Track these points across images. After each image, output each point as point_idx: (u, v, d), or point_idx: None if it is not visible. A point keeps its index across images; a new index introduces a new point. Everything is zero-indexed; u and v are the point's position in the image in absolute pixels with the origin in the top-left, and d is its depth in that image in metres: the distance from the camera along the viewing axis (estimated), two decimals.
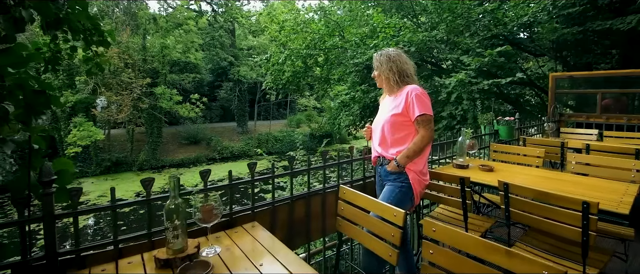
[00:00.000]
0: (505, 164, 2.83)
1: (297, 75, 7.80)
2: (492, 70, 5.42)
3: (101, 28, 1.95)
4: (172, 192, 1.20)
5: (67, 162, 1.43)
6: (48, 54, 1.94)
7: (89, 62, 2.01)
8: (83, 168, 16.03)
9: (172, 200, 1.20)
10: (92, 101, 16.14)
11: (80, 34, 1.93)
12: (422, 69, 6.93)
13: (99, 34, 1.97)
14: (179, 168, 18.19)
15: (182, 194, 1.31)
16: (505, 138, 3.69)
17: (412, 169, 1.84)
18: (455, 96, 4.96)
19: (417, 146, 1.81)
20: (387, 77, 1.95)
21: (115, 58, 15.42)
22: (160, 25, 16.89)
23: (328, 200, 1.93)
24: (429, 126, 1.83)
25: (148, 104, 16.64)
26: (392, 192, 1.81)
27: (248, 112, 22.55)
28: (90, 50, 2.01)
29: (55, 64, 1.94)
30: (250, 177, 1.59)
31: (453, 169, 2.63)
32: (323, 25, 6.90)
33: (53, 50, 1.91)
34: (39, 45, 1.93)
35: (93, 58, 2.02)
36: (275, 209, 1.70)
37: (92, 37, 1.97)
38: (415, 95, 1.84)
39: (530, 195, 1.71)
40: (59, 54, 1.95)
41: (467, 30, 5.78)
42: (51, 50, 1.91)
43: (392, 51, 2.04)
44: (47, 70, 1.94)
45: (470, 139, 2.78)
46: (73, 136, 14.45)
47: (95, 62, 2.03)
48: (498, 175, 2.42)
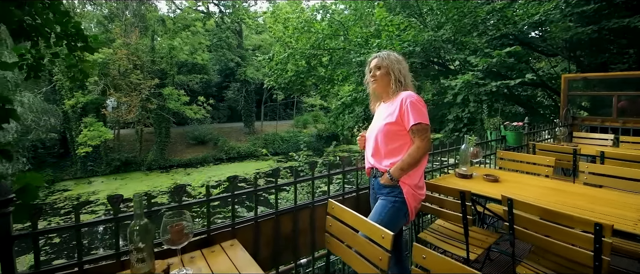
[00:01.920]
0: (512, 174, 2.66)
1: (300, 75, 7.69)
2: (501, 71, 5.21)
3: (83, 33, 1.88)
4: (137, 211, 1.11)
5: (35, 177, 1.34)
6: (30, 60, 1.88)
7: (72, 69, 1.95)
8: (93, 168, 16.30)
9: (136, 221, 1.10)
10: (102, 102, 16.39)
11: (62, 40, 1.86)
12: (428, 69, 6.74)
13: (82, 39, 1.90)
14: (186, 168, 18.35)
15: (152, 211, 1.22)
16: (513, 144, 3.51)
17: (407, 182, 1.71)
18: (461, 98, 4.78)
19: (412, 158, 1.67)
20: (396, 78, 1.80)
21: (124, 60, 15.63)
22: (168, 27, 17.04)
23: (318, 214, 1.82)
24: (425, 135, 1.70)
25: (156, 105, 16.81)
26: (385, 207, 1.69)
27: (255, 112, 22.63)
28: (74, 56, 1.94)
29: (38, 71, 1.88)
30: (233, 190, 1.50)
31: (455, 179, 2.48)
32: (327, 25, 6.78)
33: (35, 57, 1.85)
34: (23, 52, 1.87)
35: (76, 64, 1.95)
36: (259, 225, 1.60)
37: (76, 43, 1.91)
38: (410, 102, 1.71)
39: (537, 213, 1.57)
40: (41, 61, 1.89)
41: (474, 29, 5.58)
42: (33, 57, 1.85)
43: (397, 53, 1.93)
44: (29, 76, 1.88)
45: (474, 147, 2.62)
46: (84, 136, 14.70)
47: (79, 68, 1.96)
48: (503, 186, 2.27)
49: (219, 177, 16.57)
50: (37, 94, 14.31)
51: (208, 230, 1.41)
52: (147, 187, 14.92)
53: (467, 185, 2.29)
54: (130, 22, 16.49)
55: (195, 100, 18.06)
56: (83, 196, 13.72)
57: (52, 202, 12.99)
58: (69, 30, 1.84)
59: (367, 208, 1.93)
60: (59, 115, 15.19)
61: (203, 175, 16.96)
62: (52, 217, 11.65)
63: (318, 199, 1.83)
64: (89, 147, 14.74)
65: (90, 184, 15.33)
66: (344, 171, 1.94)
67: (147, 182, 15.81)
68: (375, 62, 1.89)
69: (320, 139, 21.78)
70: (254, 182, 1.55)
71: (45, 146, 15.67)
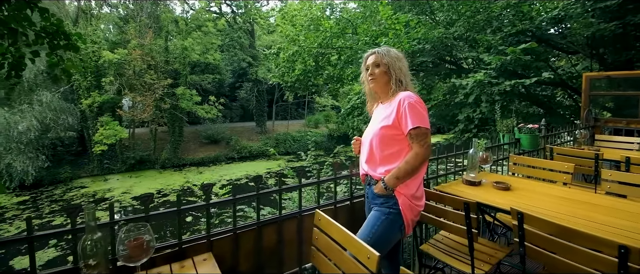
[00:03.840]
0: (526, 181, 2.45)
1: (308, 74, 7.55)
2: (517, 69, 4.92)
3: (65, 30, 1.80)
4: (90, 224, 1.00)
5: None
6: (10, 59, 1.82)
7: (54, 68, 1.88)
8: (110, 165, 16.70)
9: (88, 234, 0.99)
10: (118, 101, 16.77)
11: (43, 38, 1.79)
12: (439, 68, 6.49)
13: (64, 38, 1.82)
14: (199, 167, 18.57)
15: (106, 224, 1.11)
16: (528, 148, 3.26)
17: (403, 192, 1.54)
18: (473, 98, 4.54)
19: (409, 165, 1.50)
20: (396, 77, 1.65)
21: (139, 60, 15.93)
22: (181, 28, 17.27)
23: (306, 224, 1.68)
24: (425, 141, 1.52)
25: (169, 105, 17.07)
26: (378, 219, 1.53)
27: (267, 112, 22.75)
28: (55, 55, 1.87)
29: (19, 70, 1.81)
30: (207, 199, 1.38)
31: (462, 186, 2.29)
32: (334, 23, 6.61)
33: (15, 56, 1.78)
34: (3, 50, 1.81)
35: (58, 63, 1.88)
36: (238, 237, 1.47)
37: (59, 41, 1.83)
38: (409, 104, 1.53)
39: (551, 231, 1.38)
40: (23, 60, 1.83)
41: (488, 26, 5.30)
42: (13, 56, 1.78)
43: (397, 50, 1.77)
44: (10, 76, 1.82)
45: (483, 151, 2.42)
46: (100, 134, 15.05)
47: (61, 67, 1.89)
48: (515, 196, 2.07)
49: (230, 176, 16.69)
50: (55, 93, 14.76)
51: (179, 242, 1.29)
52: (160, 186, 15.16)
53: (475, 193, 2.11)
54: (145, 23, 16.79)
55: (207, 99, 18.26)
56: (99, 193, 14.04)
57: (69, 199, 13.34)
58: (49, 28, 1.76)
59: (362, 218, 1.78)
60: (77, 114, 15.63)
61: (215, 174, 17.12)
62: None
63: (306, 208, 1.69)
64: (105, 146, 15.09)
65: (106, 182, 15.69)
66: (336, 178, 1.79)
67: (160, 180, 16.07)
68: (372, 59, 1.72)
69: (332, 139, 21.68)
70: (233, 192, 1.42)
71: (64, 144, 16.14)
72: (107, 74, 15.78)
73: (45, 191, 13.98)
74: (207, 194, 1.36)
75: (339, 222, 1.36)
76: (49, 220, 11.24)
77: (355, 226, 1.61)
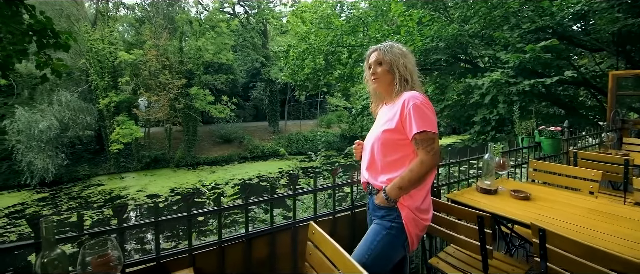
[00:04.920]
0: (547, 189, 2.24)
1: (318, 72, 7.41)
2: (536, 68, 4.64)
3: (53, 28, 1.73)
4: (50, 239, 0.90)
5: None
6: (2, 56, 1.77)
7: (43, 68, 1.81)
8: (126, 164, 17.08)
9: (45, 251, 0.90)
10: (134, 101, 17.13)
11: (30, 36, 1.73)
12: (454, 67, 6.23)
13: (54, 36, 1.76)
14: (212, 166, 18.77)
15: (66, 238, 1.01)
16: (549, 152, 3.03)
17: (407, 204, 1.39)
18: (489, 98, 4.30)
19: (413, 174, 1.35)
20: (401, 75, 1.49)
21: (154, 60, 16.21)
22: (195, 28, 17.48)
23: (301, 236, 1.55)
24: (431, 147, 1.35)
25: (184, 104, 17.31)
26: (378, 234, 1.38)
27: (279, 111, 22.82)
28: (43, 54, 1.81)
29: (6, 70, 1.76)
30: (188, 209, 1.27)
31: (476, 194, 2.11)
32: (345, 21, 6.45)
33: (2, 56, 1.73)
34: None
35: (47, 63, 1.81)
36: (224, 250, 1.36)
37: (49, 40, 1.77)
38: (414, 105, 1.38)
39: (578, 252, 1.20)
40: (10, 59, 1.77)
41: (505, 22, 5.02)
42: None
43: (402, 45, 1.61)
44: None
45: (500, 156, 2.23)
46: (116, 133, 15.40)
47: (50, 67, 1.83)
48: (535, 206, 1.88)
49: (242, 176, 16.77)
50: (74, 93, 15.19)
51: (157, 257, 1.18)
52: (174, 184, 15.38)
53: (490, 203, 1.93)
54: (160, 24, 17.08)
55: (220, 99, 18.44)
56: (115, 191, 14.35)
57: (87, 197, 13.69)
58: (36, 26, 1.68)
59: (364, 229, 1.63)
60: (95, 113, 16.05)
61: (227, 173, 17.25)
62: (85, 210, 12.23)
63: (301, 219, 1.56)
64: (121, 145, 15.42)
65: (123, 180, 16.05)
66: (335, 187, 1.65)
67: (174, 179, 16.31)
68: (375, 57, 1.57)
69: (344, 139, 21.55)
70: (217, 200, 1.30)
71: (82, 143, 16.61)
72: (123, 74, 16.13)
73: (64, 189, 14.41)
74: (188, 203, 1.25)
75: (339, 234, 1.22)
76: (67, 217, 11.55)
77: (357, 239, 1.47)
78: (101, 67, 15.60)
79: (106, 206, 12.28)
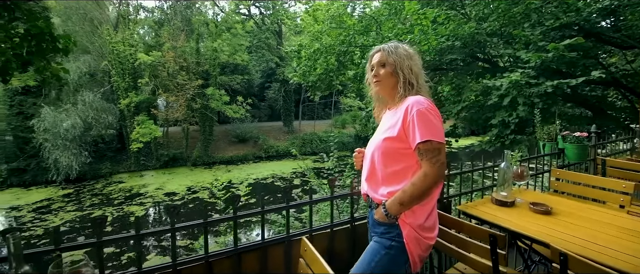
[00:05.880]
0: (571, 202, 2.05)
1: (330, 73, 7.30)
2: (560, 68, 4.35)
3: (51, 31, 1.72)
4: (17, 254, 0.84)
5: None
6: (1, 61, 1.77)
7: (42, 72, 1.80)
8: (145, 162, 17.59)
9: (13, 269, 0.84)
10: (153, 101, 17.60)
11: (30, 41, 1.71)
12: (471, 66, 5.96)
13: (52, 40, 1.74)
14: (227, 165, 19.05)
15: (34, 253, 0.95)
16: (574, 160, 2.79)
17: (408, 222, 1.26)
18: (508, 100, 4.06)
19: (416, 189, 1.23)
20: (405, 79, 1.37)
21: (172, 62, 16.59)
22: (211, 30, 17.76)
23: (295, 251, 1.45)
24: (436, 158, 1.23)
25: (200, 104, 17.63)
26: (376, 253, 1.27)
27: (294, 112, 22.94)
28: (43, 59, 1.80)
29: (6, 74, 1.76)
30: (173, 223, 1.21)
31: (491, 206, 1.95)
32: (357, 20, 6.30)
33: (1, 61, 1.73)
34: None
35: (45, 67, 1.80)
36: (211, 266, 1.29)
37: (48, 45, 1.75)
38: (418, 112, 1.25)
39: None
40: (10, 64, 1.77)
41: (526, 20, 4.74)
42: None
43: (408, 46, 1.48)
44: None
45: (518, 165, 2.06)
46: (136, 132, 15.87)
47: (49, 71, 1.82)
48: (556, 222, 1.71)
49: (257, 175, 16.93)
50: (97, 93, 15.75)
51: (139, 271, 1.12)
52: (191, 183, 15.67)
53: (506, 217, 1.77)
54: (178, 27, 17.45)
55: (235, 99, 18.70)
56: (134, 188, 14.77)
57: (108, 193, 14.16)
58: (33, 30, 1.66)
59: (365, 244, 1.52)
60: (116, 113, 16.59)
61: (242, 172, 17.46)
62: (106, 207, 12.65)
63: (296, 232, 1.46)
64: (140, 144, 15.88)
65: (142, 178, 16.52)
66: (332, 198, 1.55)
67: (191, 177, 16.63)
68: (378, 57, 1.45)
69: (359, 140, 21.38)
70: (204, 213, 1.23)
71: (105, 141, 17.21)
72: (143, 75, 16.60)
73: (87, 185, 14.97)
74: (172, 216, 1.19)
75: (337, 248, 1.13)
76: (89, 212, 11.97)
77: (357, 254, 1.37)
78: (122, 69, 16.11)
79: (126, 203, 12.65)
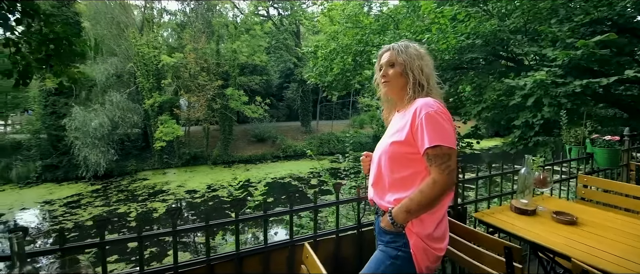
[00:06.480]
0: (599, 211, 1.90)
1: (346, 73, 7.22)
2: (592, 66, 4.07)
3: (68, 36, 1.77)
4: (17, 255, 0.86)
5: None
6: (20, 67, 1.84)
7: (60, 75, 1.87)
8: (168, 160, 18.20)
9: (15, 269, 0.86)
10: (175, 101, 18.18)
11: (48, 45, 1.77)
12: (493, 65, 5.71)
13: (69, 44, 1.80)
14: (246, 164, 19.38)
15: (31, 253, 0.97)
16: (604, 166, 2.59)
17: (416, 231, 1.20)
18: (533, 100, 3.84)
19: (423, 196, 1.16)
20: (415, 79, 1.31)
21: (193, 63, 17.05)
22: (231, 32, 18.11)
23: (298, 257, 1.42)
24: (446, 165, 1.16)
25: (220, 104, 18.03)
26: (381, 263, 1.21)
27: (311, 111, 23.00)
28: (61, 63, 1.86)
29: (26, 78, 1.83)
30: (174, 226, 1.19)
31: (510, 214, 1.84)
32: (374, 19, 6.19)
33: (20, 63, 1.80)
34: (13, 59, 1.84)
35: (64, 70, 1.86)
36: (212, 269, 1.27)
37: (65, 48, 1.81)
38: (426, 115, 1.18)
39: None
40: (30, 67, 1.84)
41: (553, 15, 4.46)
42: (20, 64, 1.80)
43: (419, 46, 1.42)
44: (18, 84, 1.84)
45: (540, 171, 1.93)
46: (160, 131, 16.44)
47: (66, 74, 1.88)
48: (581, 234, 1.58)
49: (274, 175, 17.12)
50: (123, 94, 16.44)
51: (141, 271, 1.13)
52: (211, 181, 16.06)
53: (526, 227, 1.66)
54: (199, 29, 17.91)
55: (254, 100, 19.01)
56: (157, 185, 15.30)
57: (133, 190, 14.74)
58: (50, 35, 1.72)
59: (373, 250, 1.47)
60: (141, 113, 17.26)
61: (261, 172, 17.71)
62: (130, 202, 13.17)
63: (300, 237, 1.43)
64: (164, 142, 16.45)
65: (165, 175, 17.08)
66: (338, 203, 1.50)
67: (211, 176, 17.04)
68: (387, 57, 1.40)
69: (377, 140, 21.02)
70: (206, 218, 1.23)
71: (130, 140, 17.95)
72: (166, 76, 17.15)
73: (114, 182, 15.66)
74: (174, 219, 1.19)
75: (344, 254, 1.10)
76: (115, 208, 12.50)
77: (364, 261, 1.32)
78: (146, 70, 16.72)
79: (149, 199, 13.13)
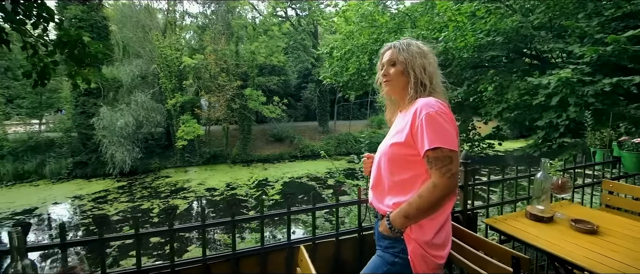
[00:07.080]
0: (624, 219, 1.76)
1: (362, 73, 7.12)
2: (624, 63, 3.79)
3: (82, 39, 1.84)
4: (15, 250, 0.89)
5: None
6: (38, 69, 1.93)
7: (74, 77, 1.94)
8: (189, 158, 18.77)
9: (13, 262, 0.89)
10: (196, 101, 18.69)
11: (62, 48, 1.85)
12: (515, 63, 5.44)
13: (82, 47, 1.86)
14: (264, 163, 19.66)
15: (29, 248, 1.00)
16: (632, 171, 2.39)
17: (415, 237, 1.14)
18: (557, 100, 3.62)
19: (423, 201, 1.11)
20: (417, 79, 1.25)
21: (213, 64, 17.47)
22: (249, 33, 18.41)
23: (296, 259, 1.40)
24: (447, 168, 1.10)
25: (239, 105, 18.37)
26: (378, 269, 1.16)
27: (329, 111, 22.99)
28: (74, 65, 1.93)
29: (44, 78, 1.92)
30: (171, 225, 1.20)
31: (525, 221, 1.74)
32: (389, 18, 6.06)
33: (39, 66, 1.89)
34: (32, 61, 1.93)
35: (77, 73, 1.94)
36: (209, 268, 1.27)
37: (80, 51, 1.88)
38: (427, 116, 1.13)
39: None
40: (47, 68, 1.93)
41: (581, 9, 4.18)
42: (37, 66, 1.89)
43: (422, 43, 1.36)
44: (36, 84, 1.93)
45: (559, 175, 1.81)
46: (181, 131, 16.97)
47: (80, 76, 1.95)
48: (602, 244, 1.46)
49: (291, 174, 17.27)
50: (148, 94, 17.08)
51: (138, 270, 1.14)
52: (230, 179, 16.40)
53: (540, 235, 1.56)
54: (219, 30, 18.32)
55: (272, 100, 19.25)
56: (179, 183, 15.79)
57: (156, 187, 15.29)
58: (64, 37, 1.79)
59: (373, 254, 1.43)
60: (164, 112, 17.88)
61: (278, 171, 17.91)
62: (154, 199, 13.66)
63: (298, 239, 1.41)
64: (185, 141, 16.96)
65: (186, 173, 17.61)
66: (337, 205, 1.47)
67: (230, 174, 17.41)
68: (388, 55, 1.34)
69: None
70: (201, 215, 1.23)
71: (154, 138, 18.64)
72: (187, 77, 17.66)
73: (139, 179, 16.31)
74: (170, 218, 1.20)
75: (343, 258, 1.06)
76: (139, 204, 13.01)
77: (364, 265, 1.28)
78: (169, 71, 17.28)
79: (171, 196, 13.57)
